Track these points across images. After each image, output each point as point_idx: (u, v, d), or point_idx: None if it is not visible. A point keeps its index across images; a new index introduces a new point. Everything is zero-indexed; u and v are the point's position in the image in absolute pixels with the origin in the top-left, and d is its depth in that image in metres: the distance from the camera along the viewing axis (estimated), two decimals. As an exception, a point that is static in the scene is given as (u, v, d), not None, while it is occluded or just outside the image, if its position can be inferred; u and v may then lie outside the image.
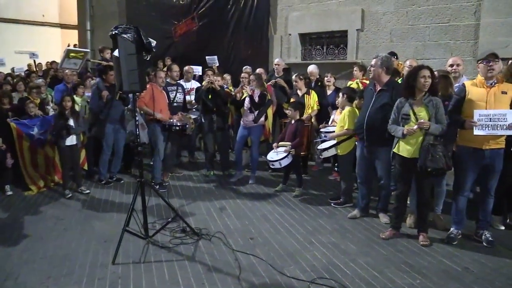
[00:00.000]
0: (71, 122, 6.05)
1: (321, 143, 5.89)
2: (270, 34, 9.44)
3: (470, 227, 4.66)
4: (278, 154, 6.01)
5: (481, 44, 6.85)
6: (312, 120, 6.98)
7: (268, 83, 7.42)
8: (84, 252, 4.25)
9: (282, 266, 3.91)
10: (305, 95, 6.91)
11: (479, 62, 4.19)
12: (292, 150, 5.95)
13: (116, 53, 4.12)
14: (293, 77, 7.06)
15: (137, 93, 5.27)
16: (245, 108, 6.66)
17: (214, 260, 4.06)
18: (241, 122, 6.80)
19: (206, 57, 9.10)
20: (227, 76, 8.30)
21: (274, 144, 6.26)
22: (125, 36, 4.03)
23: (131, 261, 4.05)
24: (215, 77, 7.02)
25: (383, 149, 4.70)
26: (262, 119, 6.66)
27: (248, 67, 8.33)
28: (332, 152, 5.67)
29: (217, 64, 8.94)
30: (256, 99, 6.54)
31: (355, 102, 5.43)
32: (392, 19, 7.81)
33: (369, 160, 5.01)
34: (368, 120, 4.79)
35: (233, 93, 6.66)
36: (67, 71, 7.54)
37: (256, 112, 6.51)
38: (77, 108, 6.59)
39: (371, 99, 4.83)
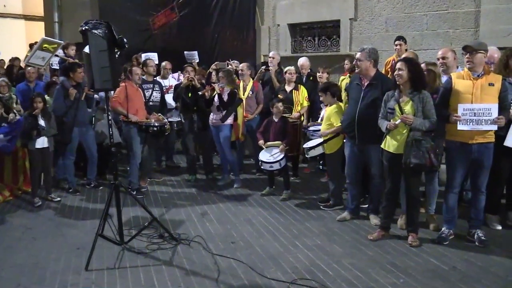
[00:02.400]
0: (42, 122, 6.36)
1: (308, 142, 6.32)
2: (257, 25, 9.89)
3: (464, 227, 5.08)
4: (274, 155, 6.39)
5: (482, 32, 7.33)
6: (303, 117, 7.41)
7: (255, 79, 7.83)
8: (56, 260, 4.64)
9: (263, 268, 4.32)
10: (293, 90, 7.34)
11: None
12: (286, 148, 6.37)
13: (86, 49, 4.52)
14: (288, 69, 7.41)
15: (110, 91, 5.65)
16: (214, 106, 7.07)
17: (192, 264, 4.46)
18: (210, 121, 7.22)
19: (185, 52, 9.49)
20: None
21: (260, 142, 6.64)
22: (95, 32, 4.44)
23: (105, 267, 4.44)
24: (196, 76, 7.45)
25: (375, 147, 5.09)
26: (231, 117, 7.09)
27: (235, 61, 8.74)
28: (319, 150, 6.08)
29: (197, 60, 9.32)
30: (225, 97, 6.95)
31: (329, 97, 5.87)
32: (387, 7, 8.29)
33: (359, 159, 5.43)
34: (359, 117, 5.19)
35: (200, 93, 7.08)
36: (29, 68, 7.79)
37: (224, 111, 6.94)
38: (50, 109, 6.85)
39: (358, 94, 5.25)
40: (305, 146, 6.28)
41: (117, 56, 4.63)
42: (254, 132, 7.31)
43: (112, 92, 6.34)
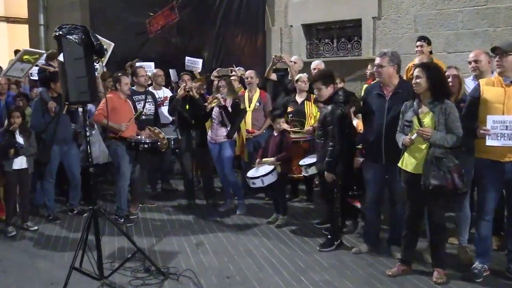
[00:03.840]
0: (21, 140, 6.55)
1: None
2: (267, 27, 10.04)
3: (502, 261, 5.06)
4: (259, 170, 6.53)
5: (528, 31, 7.33)
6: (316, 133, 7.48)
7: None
8: (26, 296, 4.80)
9: (259, 307, 4.40)
10: (306, 101, 7.45)
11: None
12: (277, 163, 6.48)
13: (61, 57, 4.72)
14: (300, 77, 7.52)
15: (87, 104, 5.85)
16: (213, 120, 7.22)
17: (178, 302, 4.57)
18: (208, 138, 7.36)
19: (187, 58, 9.66)
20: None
21: (257, 161, 6.80)
22: (70, 37, 4.64)
23: (80, 305, 4.58)
24: (193, 84, 7.62)
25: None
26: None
27: (241, 68, 8.91)
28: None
29: (199, 70, 9.49)
30: (229, 108, 7.09)
31: (352, 109, 5.93)
32: (416, 3, 8.36)
33: (384, 181, 5.45)
34: (387, 132, 5.20)
35: (206, 104, 7.22)
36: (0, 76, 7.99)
37: (229, 126, 7.10)
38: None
39: (381, 106, 5.29)
40: (302, 163, 6.40)
41: (100, 64, 4.81)
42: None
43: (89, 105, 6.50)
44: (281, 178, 6.59)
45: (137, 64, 9.56)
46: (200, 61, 9.64)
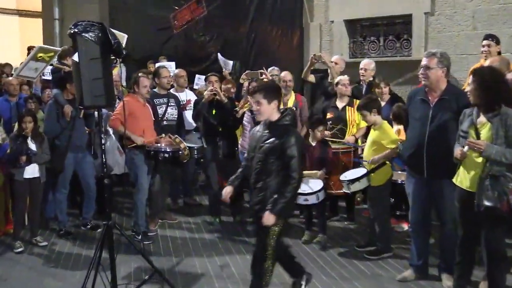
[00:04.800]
0: (33, 146, 6.68)
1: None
2: (305, 22, 10.03)
3: None
4: (310, 184, 6.50)
5: None
6: (359, 143, 7.45)
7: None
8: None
9: None
10: (347, 107, 7.42)
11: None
12: (326, 176, 6.54)
13: (75, 57, 4.83)
14: (341, 80, 7.49)
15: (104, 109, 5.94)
16: (245, 127, 7.25)
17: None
18: (240, 147, 7.39)
19: (219, 56, 9.72)
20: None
21: None
22: (86, 35, 4.73)
23: (91, 331, 4.64)
24: (223, 86, 7.66)
25: (448, 183, 5.07)
26: None
27: (275, 68, 8.92)
28: (364, 183, 6.17)
29: (230, 70, 9.55)
30: None
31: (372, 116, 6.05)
32: (476, -4, 8.26)
33: (428, 198, 5.41)
34: (429, 143, 5.19)
35: (237, 109, 7.25)
36: (11, 78, 8.11)
37: None
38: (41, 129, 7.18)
39: (425, 113, 5.27)
40: (343, 178, 6.38)
41: (119, 63, 4.86)
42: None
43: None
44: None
45: (159, 63, 9.69)
46: (230, 62, 9.68)
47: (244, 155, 5.43)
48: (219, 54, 9.82)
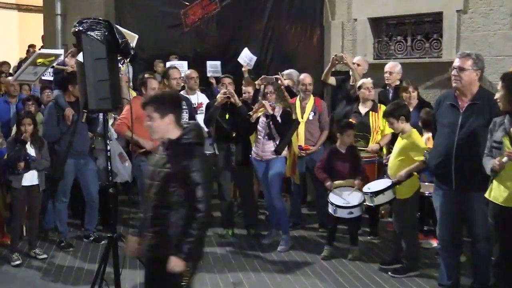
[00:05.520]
0: (32, 151, 6.71)
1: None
2: (325, 20, 10.02)
3: None
4: (348, 195, 6.57)
5: None
6: (384, 151, 7.43)
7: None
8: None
9: None
10: (371, 112, 7.43)
11: None
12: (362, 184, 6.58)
13: (80, 57, 4.87)
14: (363, 83, 7.50)
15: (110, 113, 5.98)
16: (259, 133, 7.28)
17: None
18: (253, 154, 7.42)
19: (246, 50, 9.70)
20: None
21: (328, 184, 6.80)
22: (91, 34, 4.78)
23: None
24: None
25: (479, 196, 5.05)
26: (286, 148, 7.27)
27: (293, 71, 8.92)
28: (389, 196, 6.14)
29: (251, 67, 9.51)
30: (278, 119, 7.13)
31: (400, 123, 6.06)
32: (515, -8, 8.17)
33: (458, 213, 5.38)
34: (457, 152, 5.18)
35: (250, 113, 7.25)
36: (9, 78, 8.25)
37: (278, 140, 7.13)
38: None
39: (455, 120, 5.25)
40: (366, 190, 6.37)
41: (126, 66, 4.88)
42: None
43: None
44: None
45: (169, 63, 9.71)
46: (255, 58, 9.68)
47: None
48: (246, 48, 9.78)
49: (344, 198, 6.57)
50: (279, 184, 7.34)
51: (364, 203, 6.47)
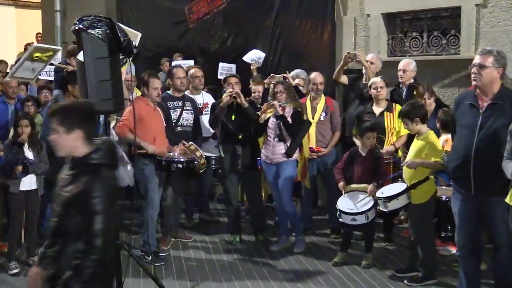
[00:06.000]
0: (30, 154, 6.72)
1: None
2: (337, 16, 10.01)
3: None
4: (359, 203, 6.53)
5: None
6: (400, 153, 7.42)
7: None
8: None
9: None
10: (385, 112, 7.42)
11: None
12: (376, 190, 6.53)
13: (80, 56, 4.89)
14: (373, 82, 7.49)
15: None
16: (269, 135, 7.29)
17: None
18: (262, 157, 7.43)
19: (254, 50, 9.74)
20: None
21: (341, 184, 6.81)
22: (93, 32, 4.81)
23: None
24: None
25: (499, 200, 5.03)
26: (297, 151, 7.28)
27: (300, 71, 8.93)
28: (403, 201, 6.14)
29: (259, 65, 9.56)
30: (289, 119, 7.15)
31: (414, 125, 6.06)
32: (538, -16, 8.16)
33: (478, 218, 5.36)
34: (476, 154, 5.13)
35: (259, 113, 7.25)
36: (7, 78, 8.21)
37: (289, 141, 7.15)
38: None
39: (474, 120, 5.23)
40: (380, 195, 6.36)
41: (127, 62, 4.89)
42: (329, 173, 7.44)
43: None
44: None
45: (175, 62, 9.72)
46: (263, 56, 9.69)
47: None
48: (253, 50, 9.81)
49: (352, 204, 6.56)
50: (290, 189, 7.37)
51: (378, 208, 6.46)
